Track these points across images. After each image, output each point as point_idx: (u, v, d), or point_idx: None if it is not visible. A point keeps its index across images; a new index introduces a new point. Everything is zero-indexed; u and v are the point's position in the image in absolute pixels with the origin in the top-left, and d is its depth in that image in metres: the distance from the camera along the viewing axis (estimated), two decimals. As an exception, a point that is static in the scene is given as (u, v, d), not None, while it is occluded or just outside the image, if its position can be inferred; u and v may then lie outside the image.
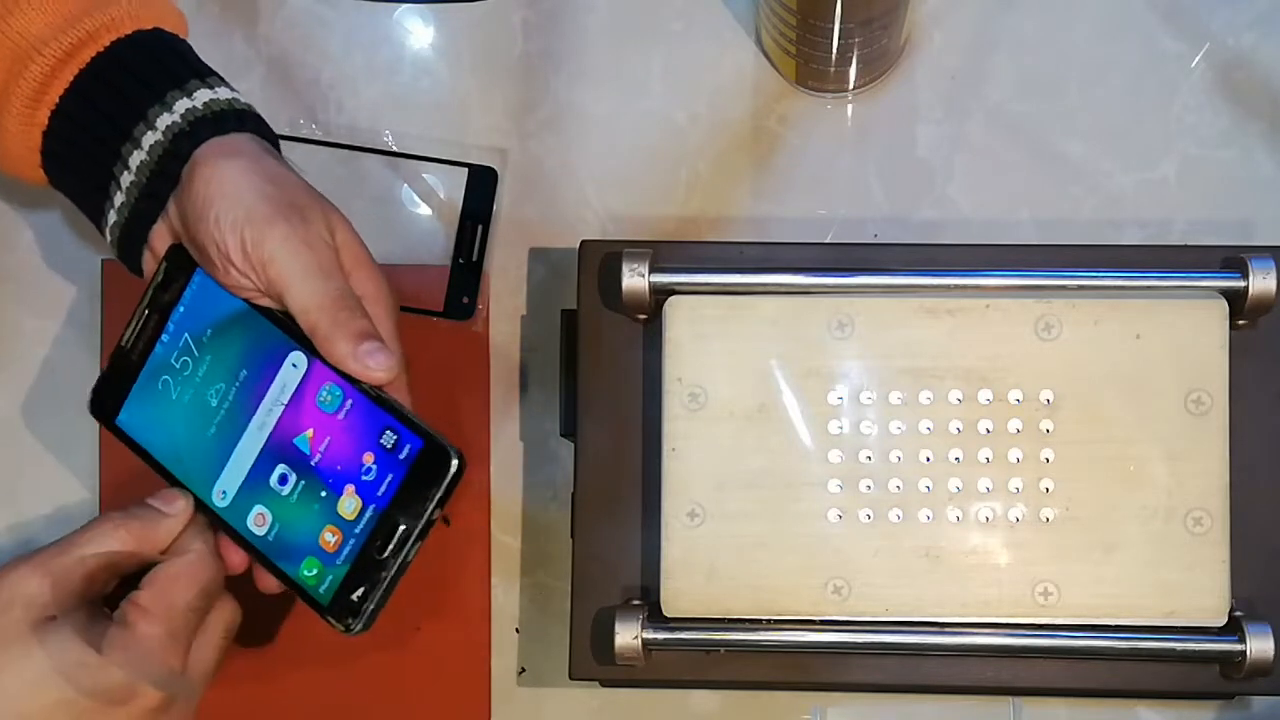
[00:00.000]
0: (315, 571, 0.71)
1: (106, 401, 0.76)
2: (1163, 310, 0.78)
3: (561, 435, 0.85)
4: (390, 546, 0.69)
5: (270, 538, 0.72)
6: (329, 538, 0.70)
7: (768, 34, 0.87)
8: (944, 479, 0.78)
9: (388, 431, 0.70)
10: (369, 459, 0.70)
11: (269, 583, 0.73)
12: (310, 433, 0.71)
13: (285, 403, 0.72)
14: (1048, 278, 0.78)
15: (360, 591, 0.70)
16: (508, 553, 0.88)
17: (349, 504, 0.70)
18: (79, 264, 0.90)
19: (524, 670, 0.87)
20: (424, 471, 0.69)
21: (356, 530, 0.70)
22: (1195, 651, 0.77)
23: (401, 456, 0.70)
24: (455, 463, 0.69)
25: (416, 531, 0.69)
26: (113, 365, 0.75)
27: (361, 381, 0.71)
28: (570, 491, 0.82)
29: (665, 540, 0.79)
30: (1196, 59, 0.88)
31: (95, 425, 0.87)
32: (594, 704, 0.87)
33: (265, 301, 0.73)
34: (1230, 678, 0.78)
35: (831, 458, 0.78)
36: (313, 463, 0.71)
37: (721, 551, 0.78)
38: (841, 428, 0.78)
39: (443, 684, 0.87)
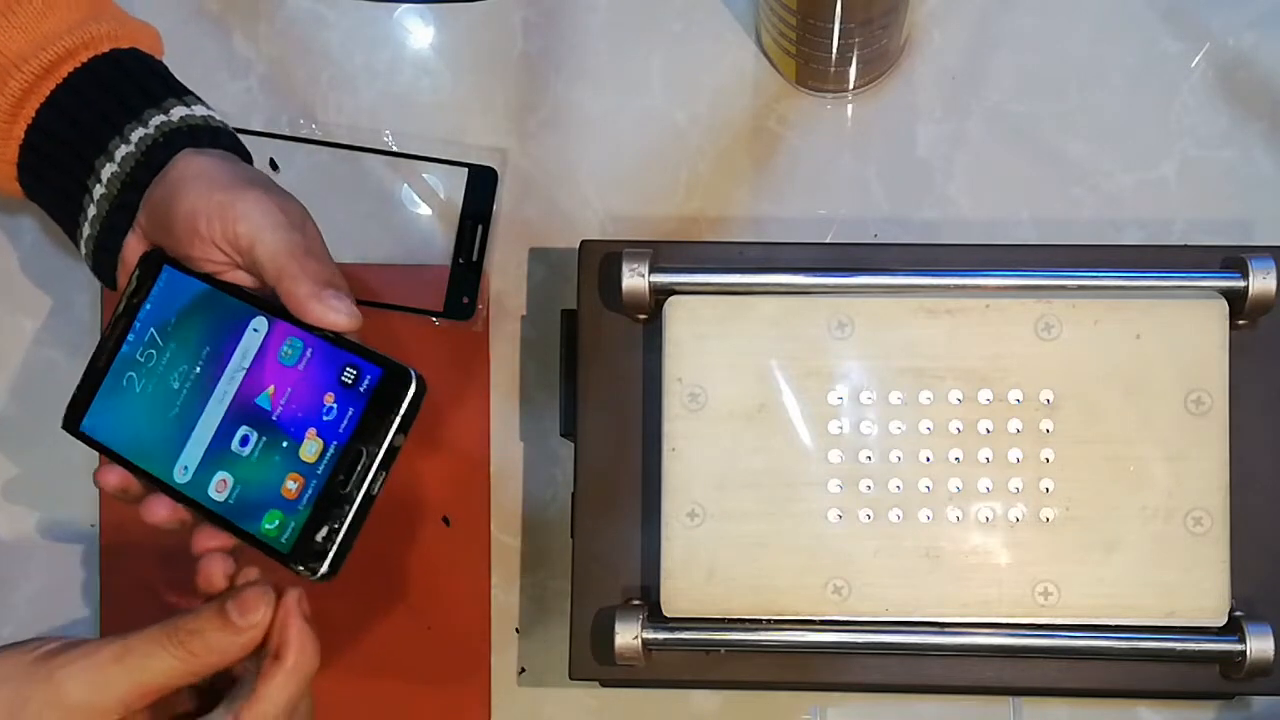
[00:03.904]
0: (277, 523, 0.68)
1: (77, 413, 0.75)
2: (1163, 310, 0.78)
3: (561, 435, 0.85)
4: (353, 478, 0.67)
5: (231, 501, 0.70)
6: (290, 485, 0.68)
7: (768, 34, 0.87)
8: (944, 479, 0.78)
9: (348, 368, 0.68)
10: (330, 399, 0.69)
11: (206, 543, 0.70)
12: (271, 389, 0.70)
13: (247, 367, 0.70)
14: (1048, 278, 0.79)
15: (324, 532, 0.67)
16: (508, 553, 0.88)
17: (310, 447, 0.68)
18: (79, 265, 0.90)
19: (524, 670, 0.87)
20: (384, 398, 0.68)
21: (319, 471, 0.68)
22: (1195, 651, 0.77)
23: (362, 389, 0.68)
24: (414, 383, 0.67)
25: (379, 459, 0.67)
26: (84, 378, 0.75)
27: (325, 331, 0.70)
28: (570, 491, 0.82)
29: (665, 540, 0.79)
30: (1196, 59, 0.89)
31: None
32: (594, 704, 0.87)
33: (233, 275, 0.72)
34: (1230, 678, 0.78)
35: (831, 458, 0.78)
36: (274, 417, 0.69)
37: (721, 551, 0.78)
38: (841, 428, 0.78)
39: (443, 684, 0.87)
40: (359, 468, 0.67)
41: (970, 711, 0.83)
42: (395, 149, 0.90)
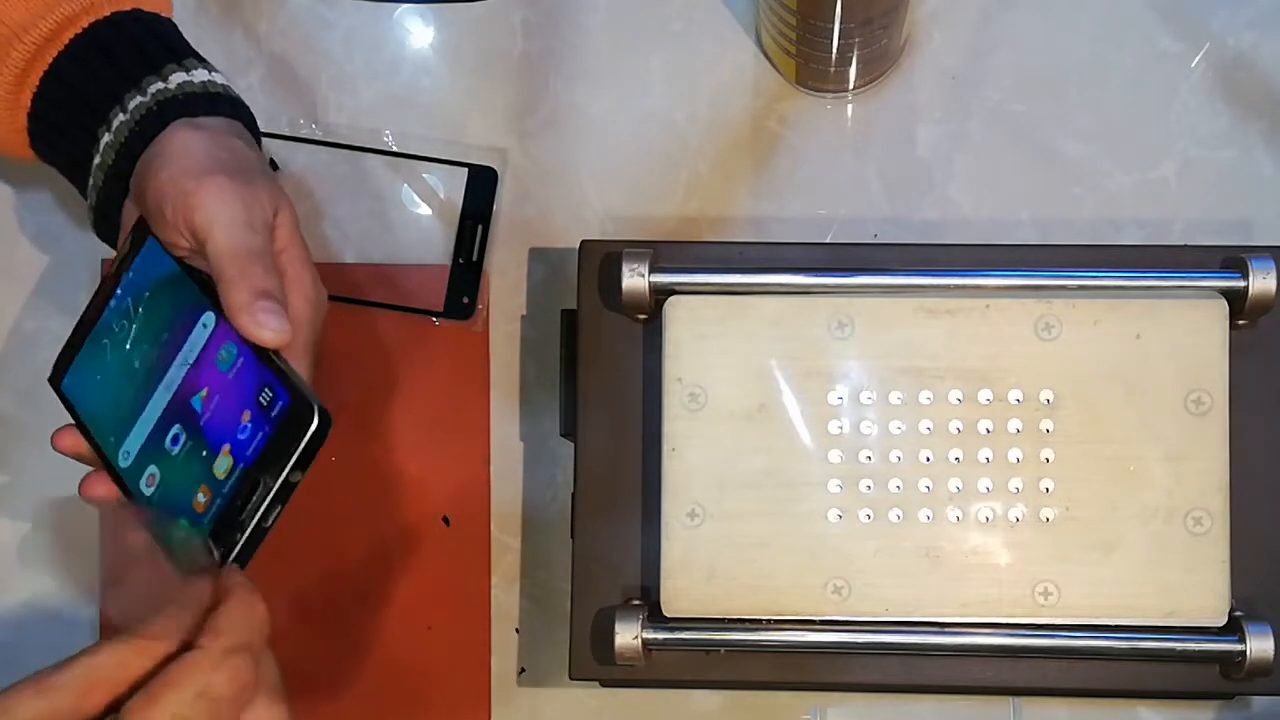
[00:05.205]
0: (184, 535, 0.67)
1: (63, 367, 0.74)
2: (1163, 310, 0.78)
3: (561, 435, 0.85)
4: (248, 507, 0.65)
5: (155, 499, 0.68)
6: (201, 498, 0.67)
7: (768, 34, 0.87)
8: (944, 479, 0.78)
9: (265, 389, 0.66)
10: (246, 417, 0.66)
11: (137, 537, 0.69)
12: (205, 392, 0.68)
13: (191, 363, 0.69)
14: (1048, 278, 0.78)
15: (217, 555, 0.65)
16: (508, 553, 0.88)
17: (222, 464, 0.66)
18: (79, 263, 0.90)
19: (524, 670, 0.87)
20: (289, 429, 0.65)
21: (225, 490, 0.66)
22: (1195, 651, 0.77)
23: (273, 414, 0.66)
24: (316, 419, 0.65)
25: (274, 492, 0.65)
26: (73, 332, 0.74)
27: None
28: (570, 491, 0.82)
29: (665, 540, 0.79)
30: (1196, 59, 0.88)
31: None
32: (594, 704, 0.87)
33: (197, 261, 0.71)
34: (1230, 678, 0.78)
35: (831, 458, 0.78)
36: (201, 422, 0.68)
37: (721, 551, 0.78)
38: (841, 428, 0.78)
39: (443, 684, 0.87)
40: (254, 498, 0.65)
41: (970, 711, 0.83)
42: (395, 149, 0.90)
